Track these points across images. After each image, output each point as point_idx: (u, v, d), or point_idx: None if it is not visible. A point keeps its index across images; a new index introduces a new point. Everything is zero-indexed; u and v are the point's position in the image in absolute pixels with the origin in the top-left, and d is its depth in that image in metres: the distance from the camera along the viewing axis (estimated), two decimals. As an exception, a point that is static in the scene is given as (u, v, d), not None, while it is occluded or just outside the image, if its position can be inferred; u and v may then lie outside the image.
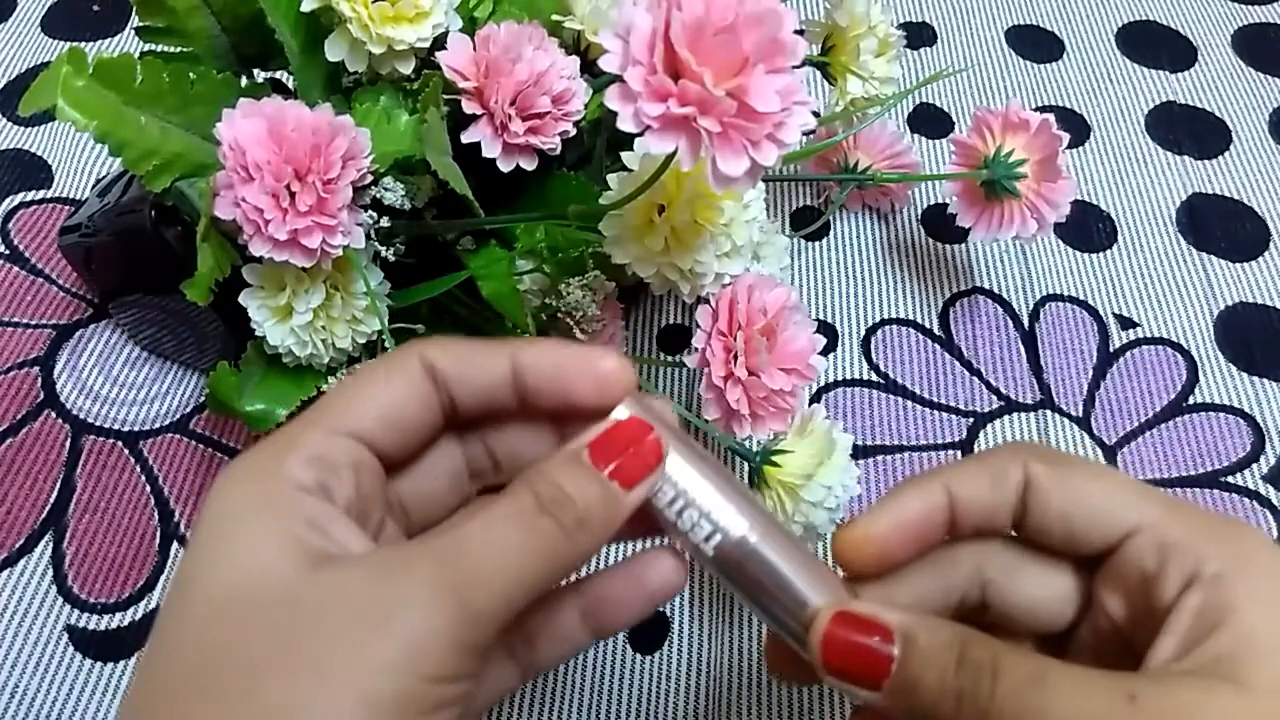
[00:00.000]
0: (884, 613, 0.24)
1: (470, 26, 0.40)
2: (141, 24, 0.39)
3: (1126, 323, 0.55)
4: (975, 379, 0.53)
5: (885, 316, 0.55)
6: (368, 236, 0.38)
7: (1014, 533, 0.27)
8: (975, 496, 0.26)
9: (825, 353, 0.53)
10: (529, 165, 0.39)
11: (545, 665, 0.27)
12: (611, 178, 0.38)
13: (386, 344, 0.39)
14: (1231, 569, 0.23)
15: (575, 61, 0.39)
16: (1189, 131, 0.64)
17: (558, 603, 0.26)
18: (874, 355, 0.54)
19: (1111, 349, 0.54)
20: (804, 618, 0.25)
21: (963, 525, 0.26)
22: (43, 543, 0.46)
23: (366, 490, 0.23)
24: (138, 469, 0.48)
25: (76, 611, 0.44)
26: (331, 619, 0.19)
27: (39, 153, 0.60)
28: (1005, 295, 0.56)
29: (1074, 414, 0.52)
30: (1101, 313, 0.56)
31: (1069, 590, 0.27)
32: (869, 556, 0.26)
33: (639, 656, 0.44)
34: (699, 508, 0.25)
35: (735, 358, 0.38)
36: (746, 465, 0.41)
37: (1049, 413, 0.52)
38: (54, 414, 0.50)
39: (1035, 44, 0.69)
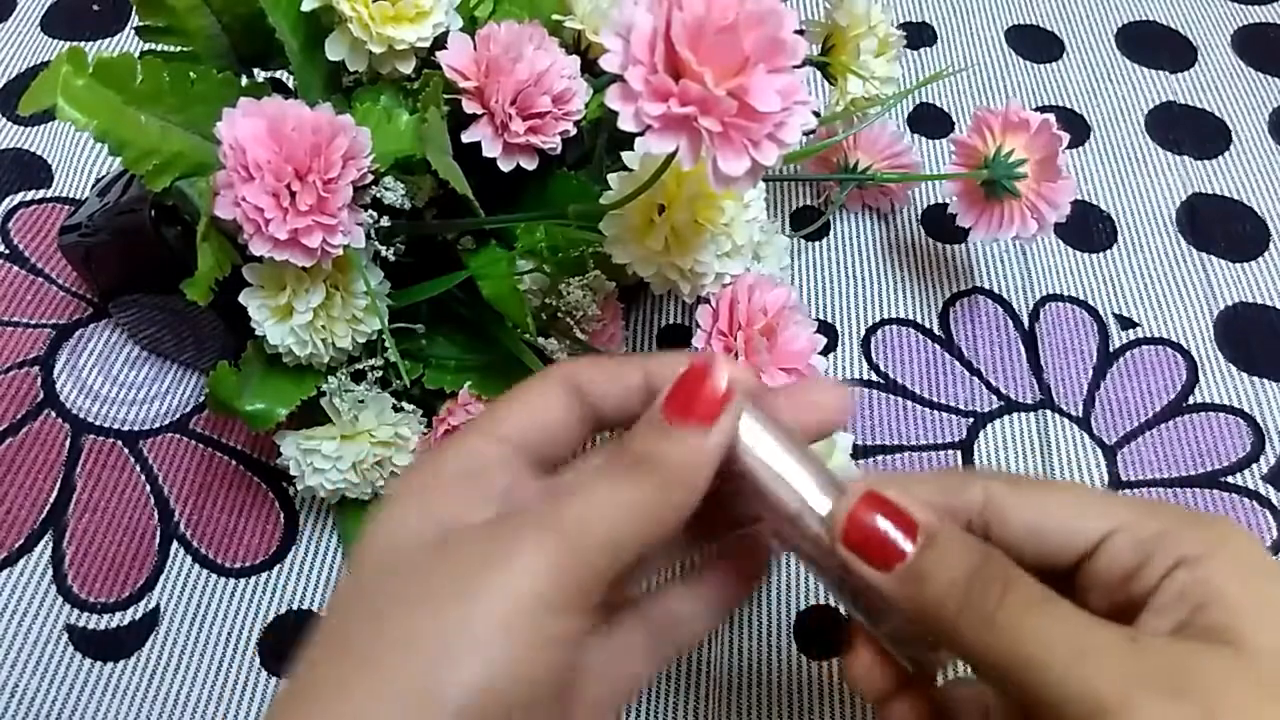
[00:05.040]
0: (914, 506, 0.25)
1: (470, 26, 0.40)
2: (141, 23, 0.39)
3: (1126, 323, 0.55)
4: (975, 379, 0.53)
5: (885, 316, 0.55)
6: (368, 236, 0.38)
7: None
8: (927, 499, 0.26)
9: (825, 353, 0.53)
10: (529, 165, 0.39)
11: (603, 713, 0.28)
12: (611, 178, 0.38)
13: (387, 344, 0.39)
14: (1210, 552, 0.24)
15: (576, 61, 0.39)
16: (1189, 131, 0.64)
17: (621, 623, 0.28)
18: (874, 355, 0.54)
19: (1111, 349, 0.54)
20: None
21: None
22: (42, 542, 0.46)
23: (513, 485, 0.26)
24: (138, 469, 0.48)
25: (76, 611, 0.44)
26: (467, 563, 0.23)
27: (39, 152, 0.60)
28: (1005, 295, 0.56)
29: (1074, 414, 0.52)
30: (1101, 313, 0.56)
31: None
32: None
33: (639, 656, 0.44)
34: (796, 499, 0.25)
35: (735, 357, 0.38)
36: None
37: (1049, 413, 0.52)
38: (54, 413, 0.50)
39: (1035, 44, 0.69)
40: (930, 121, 0.65)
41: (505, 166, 0.39)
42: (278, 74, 0.42)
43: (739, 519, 0.28)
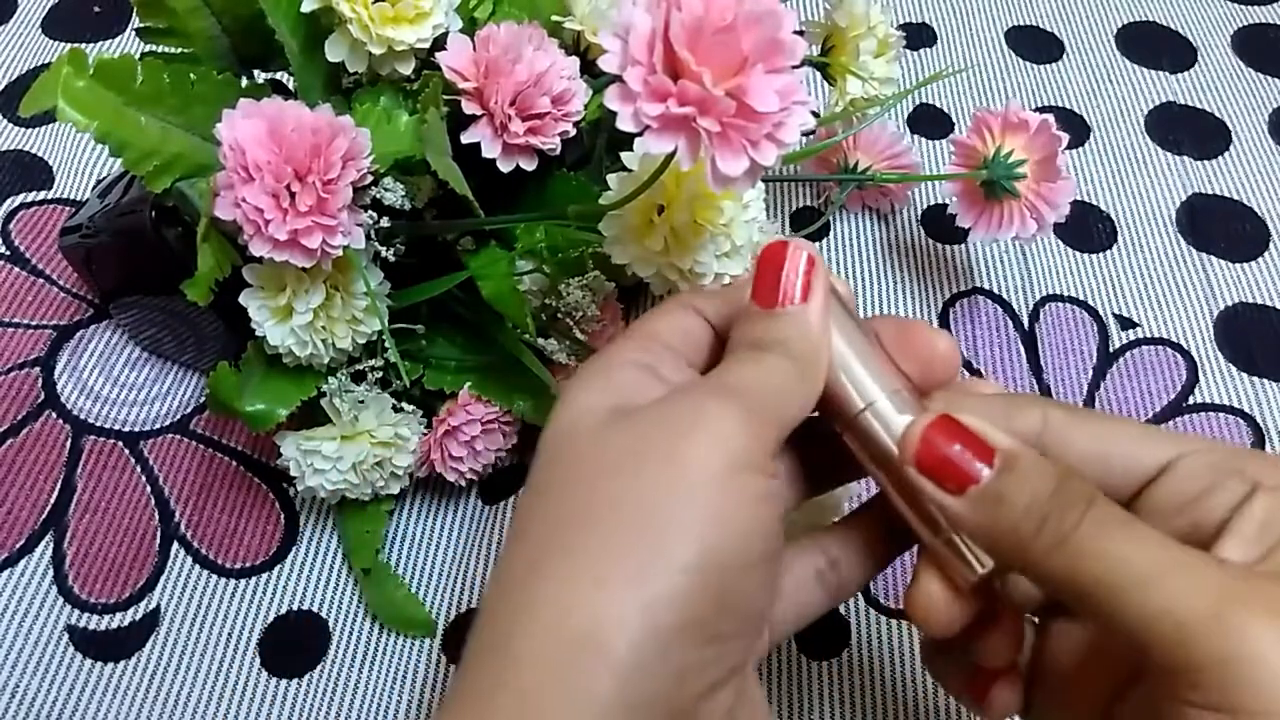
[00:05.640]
0: (992, 431, 0.24)
1: (470, 27, 0.40)
2: (142, 25, 0.39)
3: (1126, 323, 0.55)
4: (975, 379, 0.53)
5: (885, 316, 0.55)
6: (368, 237, 0.38)
7: None
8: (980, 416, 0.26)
9: (825, 353, 0.53)
10: (529, 165, 0.39)
11: (782, 627, 0.29)
12: (611, 178, 0.38)
13: (387, 344, 0.39)
14: None
15: (575, 62, 0.39)
16: (1189, 132, 0.64)
17: (795, 558, 0.29)
18: (874, 355, 0.54)
19: (1111, 349, 0.54)
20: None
21: None
22: (43, 543, 0.46)
23: (674, 377, 0.27)
24: (138, 469, 0.48)
25: (76, 611, 0.44)
26: (658, 431, 0.24)
27: (40, 153, 0.60)
28: (1005, 295, 0.56)
29: (1074, 414, 0.52)
30: (1101, 313, 0.56)
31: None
32: None
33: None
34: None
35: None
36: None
37: (1049, 413, 0.52)
38: (54, 414, 0.50)
39: (1035, 44, 0.69)
40: (930, 122, 0.65)
41: (505, 167, 0.39)
42: (278, 75, 0.42)
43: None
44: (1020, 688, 0.28)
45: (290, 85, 0.41)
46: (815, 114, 0.30)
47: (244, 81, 0.41)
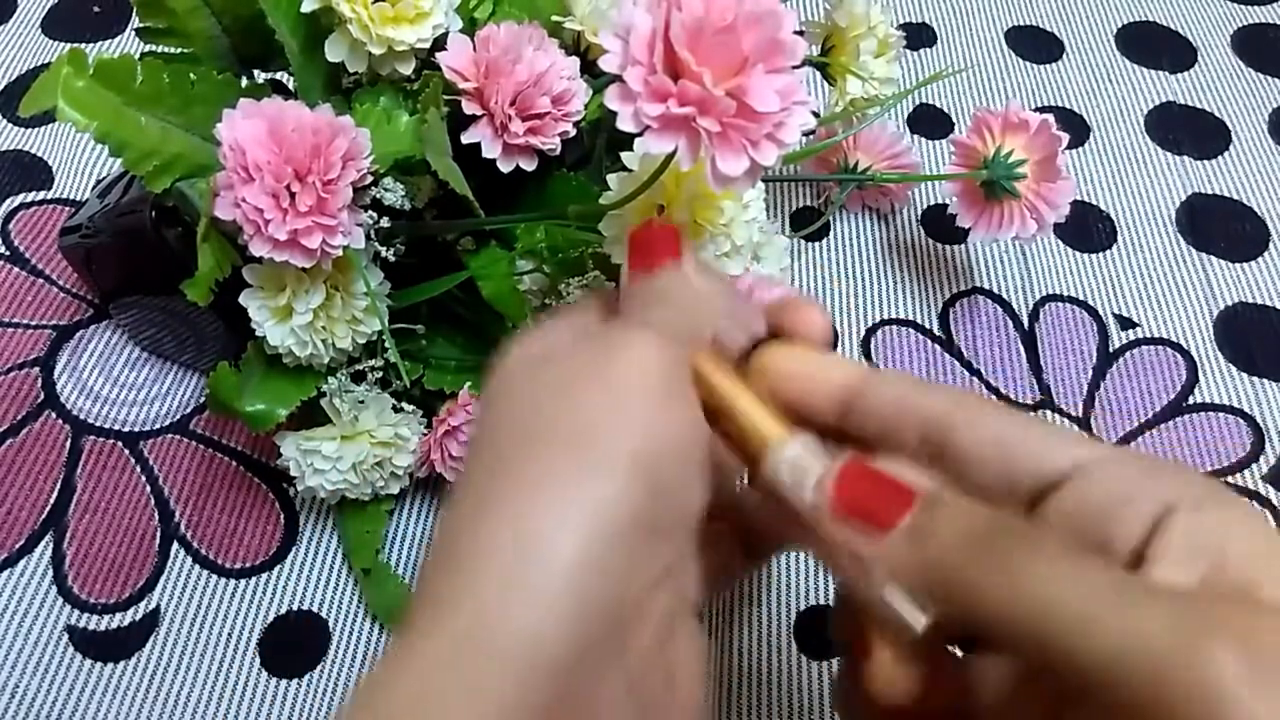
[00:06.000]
0: (908, 473, 0.24)
1: (470, 27, 0.40)
2: (142, 25, 0.39)
3: (1126, 323, 0.55)
4: (975, 379, 0.53)
5: (885, 317, 0.55)
6: (368, 237, 0.38)
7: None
8: (892, 392, 0.26)
9: (825, 353, 0.53)
10: (529, 165, 0.39)
11: (709, 579, 0.29)
12: (611, 178, 0.38)
13: (387, 344, 0.39)
14: (1206, 502, 0.22)
15: (575, 62, 0.39)
16: (1189, 131, 0.64)
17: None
18: (874, 355, 0.54)
19: (1111, 349, 0.54)
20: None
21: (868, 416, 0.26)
22: (43, 543, 0.46)
23: None
24: (138, 469, 0.48)
25: (76, 611, 0.44)
26: (585, 361, 0.26)
27: (39, 154, 0.60)
28: (1005, 295, 0.56)
29: (1074, 414, 0.52)
30: (1101, 313, 0.56)
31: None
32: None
33: (639, 656, 0.44)
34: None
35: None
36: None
37: (1049, 413, 0.52)
38: (54, 414, 0.50)
39: (1035, 44, 0.69)
40: (930, 122, 0.65)
41: (505, 167, 0.39)
42: (278, 75, 0.42)
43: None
44: None
45: (290, 85, 0.41)
46: (815, 114, 0.30)
47: (244, 81, 0.41)
